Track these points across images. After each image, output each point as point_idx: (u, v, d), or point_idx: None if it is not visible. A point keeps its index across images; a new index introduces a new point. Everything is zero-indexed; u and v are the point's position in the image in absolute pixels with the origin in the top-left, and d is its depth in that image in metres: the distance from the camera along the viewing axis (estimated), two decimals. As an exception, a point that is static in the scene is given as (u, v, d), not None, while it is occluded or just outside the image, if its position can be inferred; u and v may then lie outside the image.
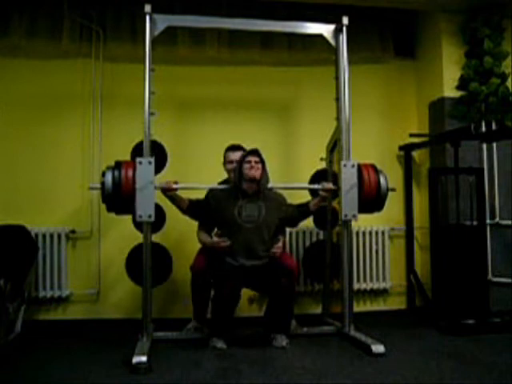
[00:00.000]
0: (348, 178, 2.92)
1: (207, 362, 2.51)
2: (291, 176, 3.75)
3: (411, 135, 3.80)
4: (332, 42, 3.09)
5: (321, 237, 3.64)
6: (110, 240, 3.64)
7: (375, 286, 3.86)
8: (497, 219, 3.69)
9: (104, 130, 3.63)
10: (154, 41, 2.86)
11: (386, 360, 2.54)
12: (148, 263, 2.74)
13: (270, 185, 2.98)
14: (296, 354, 2.66)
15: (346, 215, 2.93)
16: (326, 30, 3.09)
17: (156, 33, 2.87)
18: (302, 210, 3.04)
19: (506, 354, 2.63)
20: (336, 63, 3.11)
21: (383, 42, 4.02)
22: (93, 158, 3.64)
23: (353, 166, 2.94)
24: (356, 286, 3.78)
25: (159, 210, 3.02)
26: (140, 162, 2.70)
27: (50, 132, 3.64)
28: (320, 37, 3.11)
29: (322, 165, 3.39)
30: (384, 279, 3.88)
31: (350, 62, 3.07)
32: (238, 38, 3.74)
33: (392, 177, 4.00)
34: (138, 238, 2.84)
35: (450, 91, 3.74)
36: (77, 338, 3.07)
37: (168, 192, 2.85)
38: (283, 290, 2.80)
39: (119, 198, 2.69)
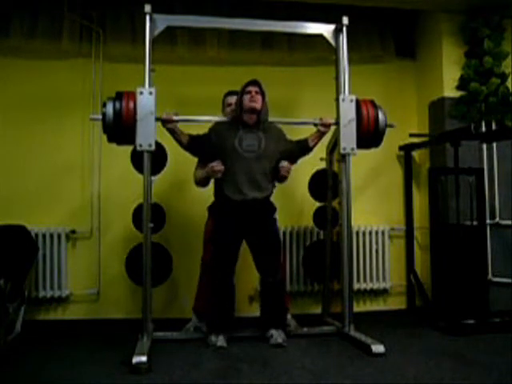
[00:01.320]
0: (346, 112, 2.93)
1: (207, 362, 2.51)
2: (290, 176, 3.75)
3: (411, 135, 3.79)
4: (332, 41, 3.09)
5: (321, 236, 3.64)
6: (109, 240, 3.64)
7: (375, 286, 3.87)
8: (497, 219, 3.69)
9: (104, 130, 3.63)
10: (153, 41, 2.86)
11: (386, 360, 2.54)
12: (148, 263, 2.74)
13: (270, 119, 2.99)
14: (296, 354, 2.66)
15: (344, 148, 2.93)
16: (326, 29, 3.09)
17: (156, 33, 2.87)
18: (302, 145, 3.04)
19: (506, 354, 2.62)
20: (336, 63, 3.11)
21: (384, 41, 4.02)
22: (93, 158, 3.64)
23: (351, 100, 2.95)
24: (356, 285, 3.78)
25: (159, 210, 3.02)
26: (141, 93, 2.72)
27: (50, 132, 3.65)
28: (320, 37, 3.11)
29: (322, 165, 3.39)
30: (384, 279, 3.88)
31: (350, 62, 3.07)
32: (238, 38, 3.74)
33: (392, 177, 4.03)
34: (138, 238, 2.83)
35: (450, 91, 3.74)
36: (77, 338, 3.07)
37: (168, 124, 2.84)
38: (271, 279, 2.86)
39: (120, 128, 2.71)
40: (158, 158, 2.87)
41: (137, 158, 2.79)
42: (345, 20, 3.04)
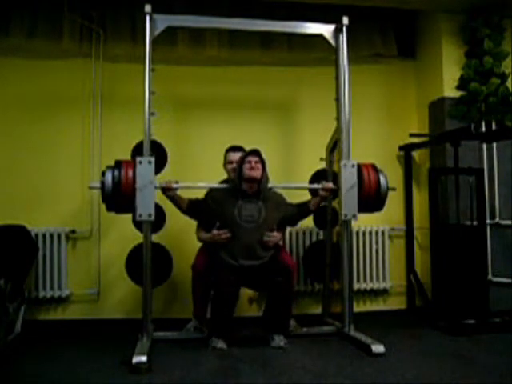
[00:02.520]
0: (348, 177, 2.92)
1: (207, 362, 2.51)
2: (291, 176, 3.75)
3: (411, 135, 3.80)
4: (332, 42, 3.09)
5: (321, 237, 3.64)
6: (109, 240, 3.64)
7: (375, 285, 3.86)
8: (497, 219, 3.69)
9: (104, 130, 3.63)
10: (153, 41, 2.86)
11: (386, 360, 2.54)
12: (148, 263, 2.74)
13: (269, 184, 2.98)
14: (296, 354, 2.66)
15: (345, 215, 2.93)
16: (326, 29, 3.09)
17: (156, 33, 2.87)
18: (302, 210, 3.05)
19: (506, 354, 2.63)
20: (336, 63, 3.11)
21: (385, 40, 4.00)
22: (93, 158, 3.64)
23: (353, 165, 2.94)
24: (356, 286, 3.78)
25: (159, 209, 3.01)
26: (140, 162, 2.70)
27: (50, 132, 3.64)
28: (320, 37, 3.11)
29: (322, 165, 3.39)
30: (384, 279, 3.88)
31: (350, 62, 3.07)
32: (238, 38, 3.74)
33: (392, 177, 3.99)
34: (138, 238, 2.84)
35: (450, 91, 3.74)
36: (77, 338, 3.07)
37: (168, 192, 2.85)
38: (280, 289, 2.79)
39: (119, 197, 2.69)
40: (158, 158, 2.86)
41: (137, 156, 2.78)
42: (345, 20, 3.04)
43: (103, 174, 2.74)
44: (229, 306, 2.80)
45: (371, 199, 2.95)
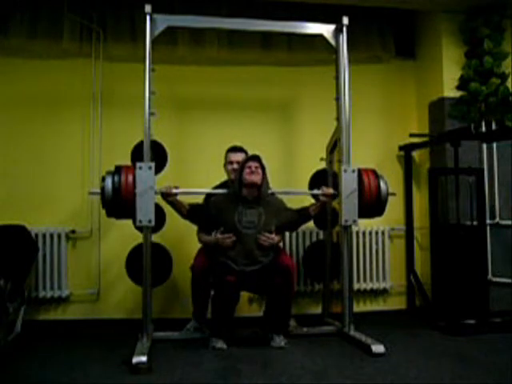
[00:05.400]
0: (348, 183, 2.92)
1: (207, 362, 2.52)
2: (291, 176, 3.76)
3: (411, 135, 3.79)
4: (332, 42, 3.09)
5: (321, 237, 3.64)
6: (109, 240, 3.64)
7: (375, 286, 3.86)
8: (497, 219, 3.69)
9: (104, 130, 3.63)
10: (154, 41, 2.86)
11: (386, 360, 2.54)
12: (148, 263, 2.74)
13: (270, 191, 2.97)
14: (296, 354, 2.66)
15: (346, 220, 2.93)
16: (326, 30, 3.09)
17: (156, 33, 2.87)
18: (302, 215, 3.03)
19: (506, 354, 2.63)
20: (336, 63, 3.11)
21: (384, 41, 4.00)
22: (93, 158, 3.64)
23: (353, 171, 2.94)
24: (356, 286, 3.78)
25: (159, 210, 3.02)
26: (140, 167, 2.69)
27: (50, 132, 3.64)
28: (320, 37, 3.11)
29: (322, 165, 3.39)
30: (384, 279, 3.88)
31: (350, 62, 3.07)
32: (237, 37, 3.74)
33: (392, 177, 4.01)
34: (138, 238, 2.83)
35: (450, 91, 3.74)
36: (77, 338, 3.07)
37: (168, 197, 2.84)
38: (280, 290, 2.80)
39: (119, 203, 2.67)
40: (158, 157, 2.86)
41: (137, 159, 2.78)
42: (345, 20, 3.04)
43: (103, 179, 2.72)
44: (229, 307, 2.81)
45: (371, 205, 2.94)
